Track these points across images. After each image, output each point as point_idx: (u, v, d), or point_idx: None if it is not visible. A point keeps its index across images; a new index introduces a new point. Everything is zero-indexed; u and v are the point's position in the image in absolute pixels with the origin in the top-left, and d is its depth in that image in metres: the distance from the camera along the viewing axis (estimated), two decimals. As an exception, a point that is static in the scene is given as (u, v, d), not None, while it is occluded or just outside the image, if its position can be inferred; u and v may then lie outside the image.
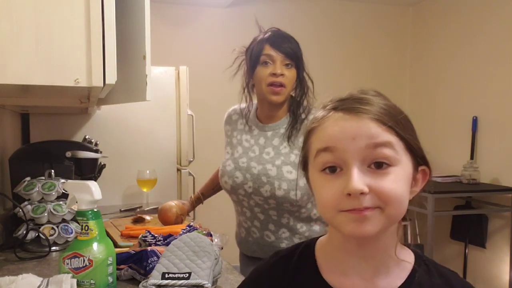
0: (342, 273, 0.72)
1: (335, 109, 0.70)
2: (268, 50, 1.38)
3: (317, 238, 0.80)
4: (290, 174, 1.38)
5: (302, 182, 1.37)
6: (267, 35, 1.41)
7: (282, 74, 1.37)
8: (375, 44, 3.97)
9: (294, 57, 1.40)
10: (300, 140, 1.41)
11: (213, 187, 1.76)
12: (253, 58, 1.41)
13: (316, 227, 1.49)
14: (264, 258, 0.83)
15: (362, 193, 0.63)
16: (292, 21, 3.75)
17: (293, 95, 1.47)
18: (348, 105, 0.69)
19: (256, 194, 1.43)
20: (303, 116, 1.43)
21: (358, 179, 0.63)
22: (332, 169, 0.67)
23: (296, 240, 1.51)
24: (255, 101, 1.53)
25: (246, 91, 1.48)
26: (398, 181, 0.65)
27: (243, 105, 1.54)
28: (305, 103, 1.46)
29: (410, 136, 0.69)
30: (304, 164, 0.75)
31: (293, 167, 1.39)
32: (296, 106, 1.45)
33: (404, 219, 0.73)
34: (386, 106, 0.70)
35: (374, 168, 0.65)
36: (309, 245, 0.80)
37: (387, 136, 0.66)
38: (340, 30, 3.88)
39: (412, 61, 4.05)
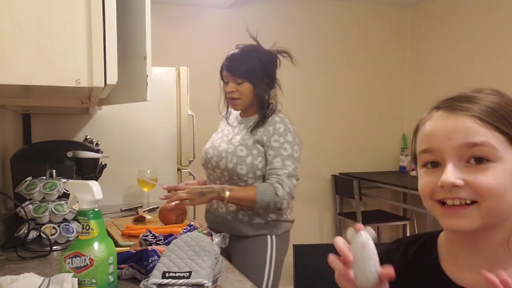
0: (457, 266, 0.75)
1: (437, 108, 0.74)
2: (225, 72, 1.75)
3: (440, 231, 0.82)
4: (241, 152, 1.69)
5: (249, 160, 1.67)
6: (225, 61, 1.75)
7: (233, 91, 1.72)
8: (374, 45, 3.97)
9: (245, 74, 1.70)
10: (258, 132, 1.70)
11: None
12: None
13: None
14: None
15: (455, 186, 0.65)
16: (292, 22, 3.75)
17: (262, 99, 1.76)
18: (450, 103, 0.71)
19: (217, 167, 1.74)
20: (268, 113, 1.73)
21: (451, 173, 0.66)
22: (434, 164, 0.70)
23: (240, 216, 1.70)
24: None
25: (224, 100, 1.85)
26: (498, 176, 0.65)
27: None
28: (273, 106, 1.75)
29: None
30: (414, 162, 0.78)
31: (245, 147, 1.69)
32: (262, 106, 1.74)
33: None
34: (493, 103, 0.69)
35: (473, 163, 0.66)
36: (432, 236, 0.82)
37: (484, 133, 0.66)
38: (340, 31, 3.88)
39: (411, 62, 4.06)
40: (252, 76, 1.71)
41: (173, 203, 1.55)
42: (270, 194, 1.59)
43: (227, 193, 1.57)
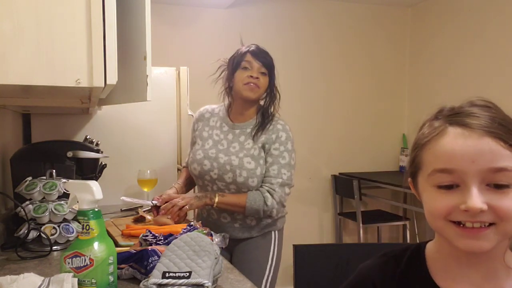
0: (452, 279, 0.74)
1: (451, 124, 0.70)
2: (249, 58, 1.69)
3: (426, 242, 0.82)
4: (249, 164, 1.66)
5: (259, 171, 1.65)
6: (251, 48, 1.72)
7: (257, 78, 1.68)
8: (374, 45, 3.97)
9: (269, 68, 1.71)
10: (261, 137, 1.68)
11: (185, 185, 1.90)
12: (235, 63, 1.72)
13: None
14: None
15: (481, 211, 0.65)
16: (292, 22, 3.75)
17: (262, 103, 1.76)
18: (465, 119, 0.69)
19: (220, 180, 1.69)
20: (267, 118, 1.72)
21: (478, 198, 0.65)
22: (448, 186, 0.68)
23: (248, 221, 1.71)
24: (226, 103, 1.81)
25: (225, 91, 1.78)
26: None
27: (214, 106, 1.86)
28: (272, 109, 1.76)
29: None
30: (412, 174, 0.76)
31: (252, 158, 1.66)
32: (264, 110, 1.74)
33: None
34: (505, 121, 0.68)
35: (493, 188, 0.66)
36: (418, 248, 0.81)
37: (508, 157, 0.66)
38: (339, 31, 3.88)
39: (411, 62, 4.05)
40: (272, 72, 1.73)
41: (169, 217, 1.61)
42: (260, 203, 1.64)
43: (217, 198, 1.63)
